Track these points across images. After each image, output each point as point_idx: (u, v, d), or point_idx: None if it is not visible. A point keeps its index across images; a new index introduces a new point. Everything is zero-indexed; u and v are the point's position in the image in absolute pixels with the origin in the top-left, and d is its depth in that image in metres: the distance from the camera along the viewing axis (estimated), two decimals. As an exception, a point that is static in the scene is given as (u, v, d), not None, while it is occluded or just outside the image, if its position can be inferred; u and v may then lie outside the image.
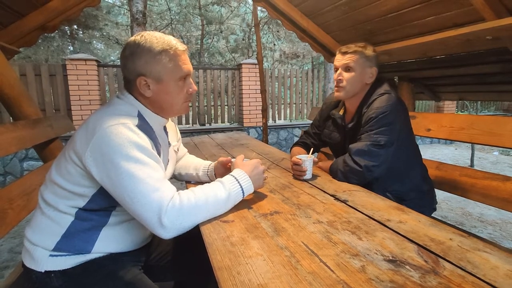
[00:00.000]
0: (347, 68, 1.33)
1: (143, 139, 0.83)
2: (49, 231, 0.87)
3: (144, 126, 0.88)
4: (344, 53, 1.33)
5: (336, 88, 1.37)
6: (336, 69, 1.37)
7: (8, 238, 2.58)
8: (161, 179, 0.82)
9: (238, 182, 0.93)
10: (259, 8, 3.47)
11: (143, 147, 0.81)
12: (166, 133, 1.08)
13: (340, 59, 1.35)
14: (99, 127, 0.80)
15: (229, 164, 1.15)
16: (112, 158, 0.78)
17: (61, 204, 0.87)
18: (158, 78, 0.90)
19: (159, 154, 0.93)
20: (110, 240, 0.91)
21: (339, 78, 1.34)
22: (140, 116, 0.91)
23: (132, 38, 0.92)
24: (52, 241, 0.86)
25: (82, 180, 0.85)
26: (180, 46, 0.93)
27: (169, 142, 1.08)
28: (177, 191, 0.85)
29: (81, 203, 0.87)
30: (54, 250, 0.86)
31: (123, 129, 0.80)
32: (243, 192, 0.93)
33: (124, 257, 0.94)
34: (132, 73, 0.90)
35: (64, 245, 0.86)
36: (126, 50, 0.90)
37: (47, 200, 0.89)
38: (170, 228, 0.78)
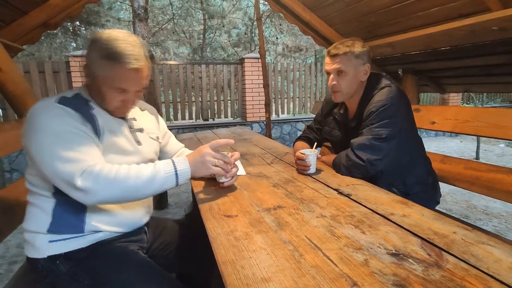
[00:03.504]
0: (339, 73, 1.28)
1: (65, 111, 0.85)
2: (39, 217, 0.90)
3: (68, 99, 0.89)
4: (333, 56, 1.28)
5: (332, 92, 1.35)
6: (328, 73, 1.33)
7: (16, 233, 2.61)
8: (83, 151, 0.82)
9: (174, 165, 0.89)
10: (261, 1, 3.43)
11: (61, 120, 0.84)
12: (133, 119, 1.07)
13: (330, 63, 1.30)
14: (30, 109, 0.85)
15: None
16: (32, 136, 0.83)
17: (39, 189, 0.91)
18: (94, 74, 0.91)
19: (94, 125, 0.91)
20: (99, 216, 0.93)
21: (333, 83, 1.30)
22: (76, 96, 0.93)
23: (101, 32, 0.92)
24: (45, 225, 0.89)
25: (31, 160, 0.88)
26: (133, 63, 0.87)
27: (131, 126, 1.05)
28: (105, 163, 0.86)
29: (52, 187, 0.89)
30: (49, 232, 0.88)
31: (44, 105, 0.85)
32: (176, 175, 0.88)
33: (127, 242, 0.97)
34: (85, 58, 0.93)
35: (57, 226, 0.89)
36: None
37: (29, 189, 0.93)
38: (86, 191, 0.78)
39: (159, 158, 1.18)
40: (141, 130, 1.08)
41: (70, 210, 0.89)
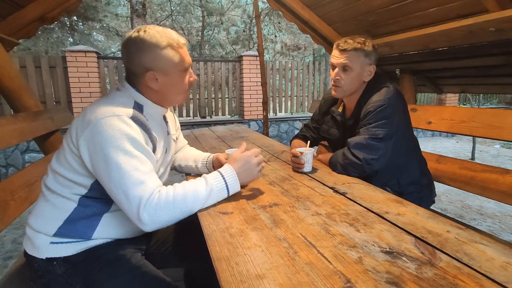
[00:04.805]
0: (344, 68, 1.27)
1: (136, 131, 0.85)
2: (52, 216, 0.89)
3: (138, 118, 0.89)
4: (343, 50, 1.26)
5: (333, 87, 1.34)
6: (333, 66, 1.31)
7: (11, 229, 2.61)
8: (148, 172, 0.83)
9: (224, 179, 0.92)
10: (260, -1, 3.42)
11: (134, 139, 0.83)
12: (166, 122, 1.09)
13: (338, 57, 1.28)
14: (94, 118, 0.82)
15: (226, 157, 1.15)
16: (103, 148, 0.80)
17: (65, 192, 0.89)
18: (166, 71, 0.93)
19: (154, 145, 0.94)
20: (111, 226, 0.93)
21: (336, 77, 1.29)
22: (136, 107, 0.93)
23: (135, 33, 0.92)
24: (54, 226, 0.88)
25: (80, 169, 0.87)
26: (181, 39, 0.97)
27: (168, 131, 1.10)
28: (162, 185, 0.86)
29: (83, 190, 0.89)
30: (55, 235, 0.87)
31: (116, 121, 0.82)
32: (227, 190, 0.92)
33: (125, 244, 0.96)
34: (140, 68, 0.92)
35: (65, 230, 0.88)
36: (132, 47, 0.92)
37: (51, 187, 0.91)
38: (147, 222, 0.80)
39: None
40: (169, 133, 1.10)
41: (86, 215, 0.89)
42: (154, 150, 0.94)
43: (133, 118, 0.87)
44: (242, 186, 0.98)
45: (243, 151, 1.01)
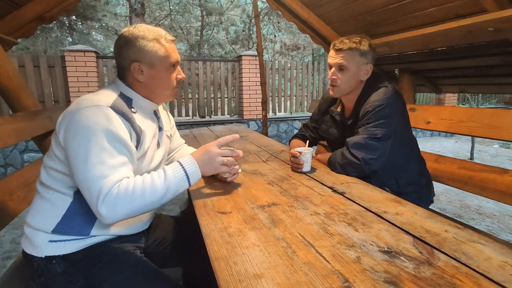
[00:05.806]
0: (340, 68, 1.28)
1: (115, 123, 0.84)
2: (49, 213, 0.89)
3: (118, 107, 0.88)
4: (338, 50, 1.26)
5: (331, 86, 1.35)
6: (330, 66, 1.32)
7: (10, 229, 2.61)
8: (115, 166, 0.82)
9: (183, 168, 0.90)
10: (259, -2, 3.41)
11: (109, 132, 0.82)
12: (158, 117, 1.09)
13: (334, 57, 1.29)
14: (75, 108, 0.84)
15: None
16: (76, 139, 0.81)
17: (59, 186, 0.89)
18: (151, 63, 0.96)
19: (138, 135, 0.93)
20: None
21: (333, 77, 1.30)
22: (123, 98, 0.94)
23: (126, 29, 0.97)
24: (52, 222, 0.87)
25: (65, 159, 0.87)
26: (169, 36, 1.00)
27: (160, 126, 1.09)
28: (128, 177, 0.85)
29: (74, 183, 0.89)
30: (53, 232, 0.87)
31: (95, 112, 0.82)
32: (188, 178, 0.90)
33: (124, 242, 0.96)
34: (127, 60, 0.95)
35: (64, 227, 0.88)
36: (121, 40, 0.96)
37: (45, 183, 0.91)
38: (106, 216, 0.79)
39: None
40: (162, 129, 1.10)
41: (83, 210, 0.89)
42: (138, 141, 0.93)
43: (113, 107, 0.86)
44: (205, 176, 0.97)
45: (218, 143, 0.99)
